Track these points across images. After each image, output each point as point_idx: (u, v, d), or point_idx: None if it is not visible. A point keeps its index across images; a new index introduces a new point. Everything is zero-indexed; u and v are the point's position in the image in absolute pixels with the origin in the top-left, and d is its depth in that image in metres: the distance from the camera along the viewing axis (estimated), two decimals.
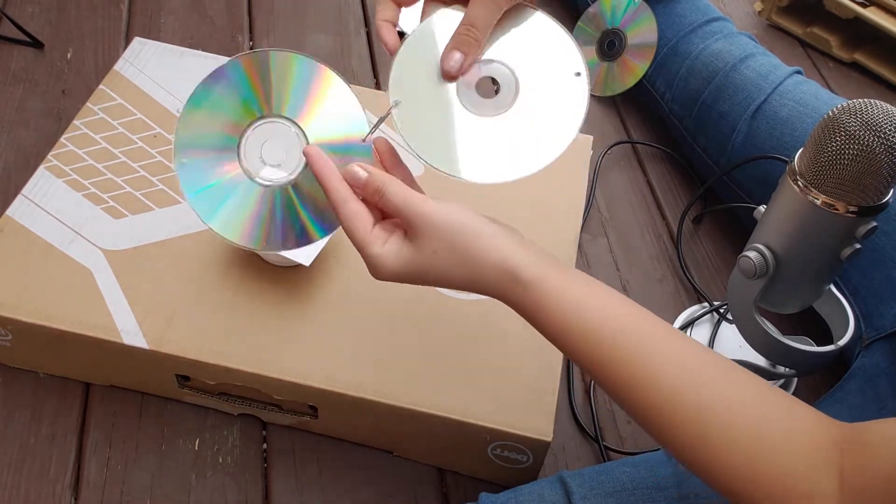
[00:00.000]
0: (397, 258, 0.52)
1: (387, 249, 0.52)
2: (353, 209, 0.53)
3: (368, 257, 0.53)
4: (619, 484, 0.60)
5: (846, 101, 0.60)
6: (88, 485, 0.72)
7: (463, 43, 0.55)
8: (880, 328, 0.75)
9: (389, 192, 0.52)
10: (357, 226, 0.52)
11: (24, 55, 1.06)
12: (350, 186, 0.53)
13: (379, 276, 0.53)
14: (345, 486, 0.73)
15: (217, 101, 0.55)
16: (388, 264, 0.52)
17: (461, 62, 0.55)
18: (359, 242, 0.53)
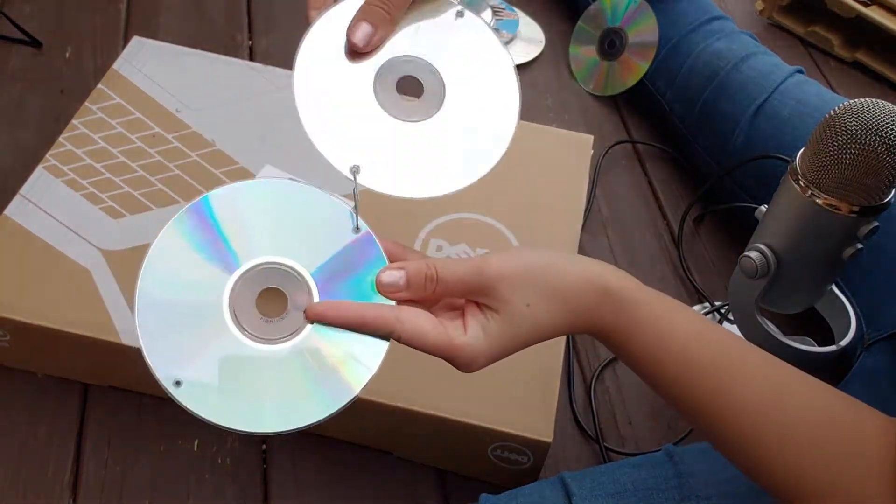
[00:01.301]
0: (489, 337, 0.46)
1: (472, 335, 0.46)
2: (408, 318, 0.46)
3: (458, 352, 0.46)
4: (620, 485, 0.60)
5: (847, 101, 0.60)
6: (87, 485, 0.71)
7: (372, 14, 0.48)
8: (882, 328, 0.75)
9: (446, 273, 0.46)
10: (426, 330, 0.46)
11: (22, 54, 1.05)
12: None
13: (477, 366, 0.47)
14: (345, 487, 0.73)
15: None
16: (482, 348, 0.46)
17: (370, 35, 0.48)
18: (437, 346, 0.46)
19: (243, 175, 0.83)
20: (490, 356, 0.47)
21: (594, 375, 0.82)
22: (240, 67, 0.94)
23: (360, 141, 0.47)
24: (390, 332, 0.46)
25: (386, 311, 0.46)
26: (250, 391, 0.41)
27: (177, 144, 0.85)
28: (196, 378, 0.40)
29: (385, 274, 0.47)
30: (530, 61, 1.13)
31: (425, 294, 0.47)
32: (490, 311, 0.47)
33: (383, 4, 0.48)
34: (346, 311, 0.46)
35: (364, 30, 0.48)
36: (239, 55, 1.09)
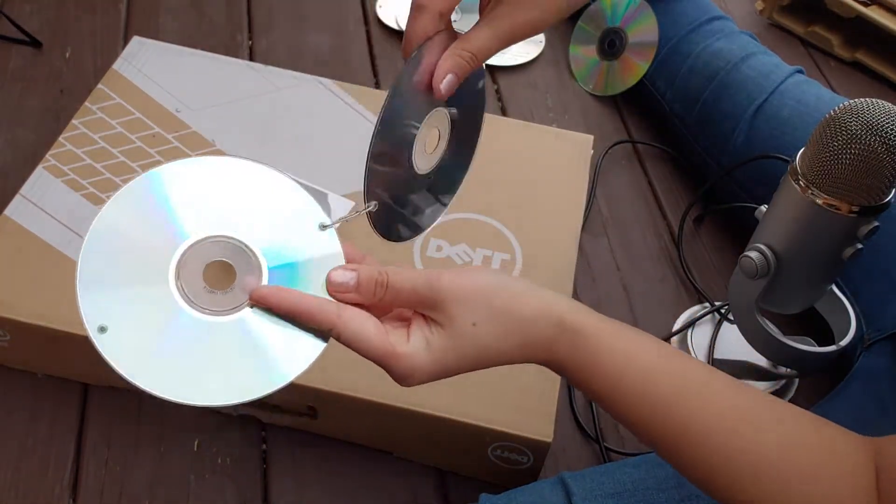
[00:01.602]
0: (430, 350, 0.45)
1: (414, 346, 0.45)
2: (351, 317, 0.45)
3: (397, 361, 0.45)
4: (620, 485, 0.60)
5: (848, 101, 0.60)
6: (87, 486, 0.71)
7: (460, 68, 0.48)
8: (882, 328, 0.75)
9: (397, 281, 0.45)
10: (368, 333, 0.44)
11: (22, 54, 1.05)
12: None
13: (415, 380, 0.45)
14: (345, 487, 0.73)
15: None
16: (422, 361, 0.45)
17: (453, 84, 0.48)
18: (377, 350, 0.44)
19: None
20: (430, 371, 0.45)
21: None
22: (240, 67, 0.94)
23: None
24: (331, 327, 0.45)
25: (329, 305, 0.45)
26: (174, 355, 0.40)
27: (177, 144, 0.85)
28: (122, 329, 0.39)
29: (336, 273, 0.46)
30: (530, 61, 1.13)
31: (374, 299, 0.46)
32: (436, 325, 0.46)
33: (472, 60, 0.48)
34: (288, 298, 0.44)
35: (449, 80, 0.48)
36: (239, 55, 1.09)
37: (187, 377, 0.41)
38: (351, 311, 0.45)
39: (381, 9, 1.17)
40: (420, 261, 0.78)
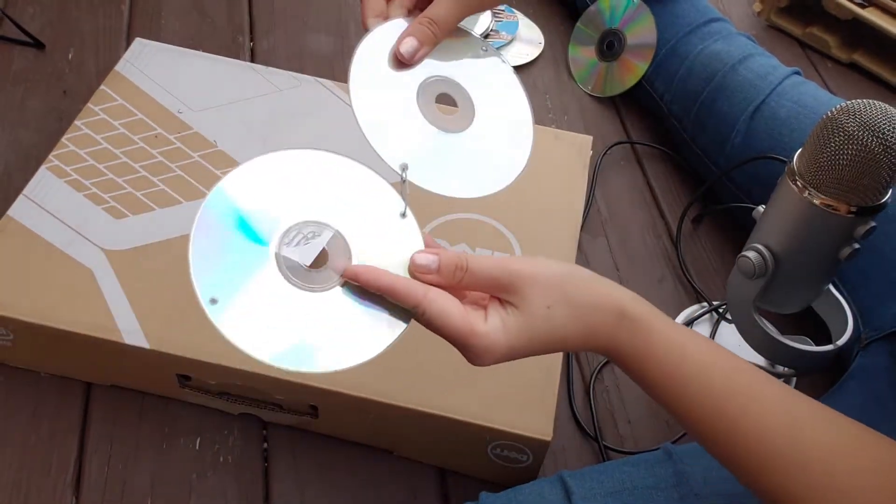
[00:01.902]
0: (507, 331, 0.47)
1: (492, 326, 0.47)
2: (436, 297, 0.47)
3: (475, 340, 0.47)
4: (619, 483, 0.61)
5: (845, 102, 0.60)
6: (89, 484, 0.72)
7: (419, 32, 0.55)
8: (879, 328, 0.75)
9: (475, 265, 0.48)
10: (452, 312, 0.47)
11: (25, 56, 1.06)
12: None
13: (489, 359, 0.48)
14: (345, 486, 0.74)
15: None
16: (498, 340, 0.47)
17: (416, 50, 0.55)
18: (459, 328, 0.47)
19: None
20: (505, 351, 0.48)
21: (593, 374, 0.83)
22: (241, 68, 0.94)
23: (407, 144, 0.54)
24: (417, 304, 0.47)
25: (416, 284, 0.48)
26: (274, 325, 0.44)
27: (179, 145, 0.86)
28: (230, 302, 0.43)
29: (419, 255, 0.49)
30: (530, 63, 1.13)
31: (453, 281, 0.48)
32: (511, 306, 0.48)
33: (431, 25, 0.54)
34: (379, 276, 0.48)
35: (410, 43, 0.54)
36: (240, 56, 1.09)
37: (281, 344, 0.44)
38: (436, 291, 0.48)
39: None
40: None
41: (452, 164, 0.54)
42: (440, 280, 0.48)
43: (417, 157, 0.53)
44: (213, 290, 0.44)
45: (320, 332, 0.45)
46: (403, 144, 0.53)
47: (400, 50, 0.55)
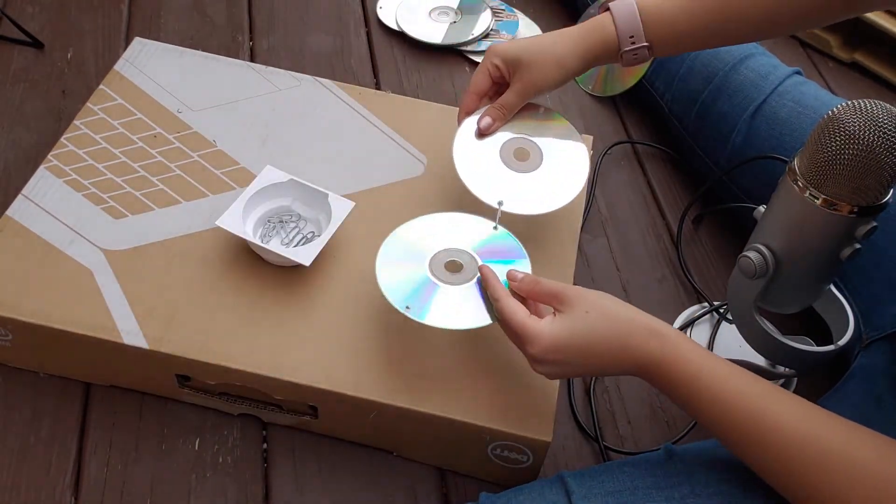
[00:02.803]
0: (552, 328, 0.61)
1: (544, 323, 0.62)
2: (512, 300, 0.65)
3: (530, 331, 0.61)
4: (619, 483, 0.60)
5: (846, 101, 0.60)
6: (89, 485, 0.72)
7: (492, 112, 0.79)
8: (880, 328, 0.75)
9: (544, 281, 0.65)
10: (516, 311, 0.63)
11: (24, 55, 1.06)
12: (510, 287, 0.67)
13: (538, 346, 0.61)
14: (345, 486, 0.74)
15: None
16: (546, 334, 0.61)
17: (490, 125, 0.79)
18: (520, 322, 0.62)
19: (244, 175, 0.83)
20: (548, 342, 0.61)
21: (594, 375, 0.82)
22: (241, 68, 0.94)
23: (499, 185, 0.77)
24: (499, 298, 0.65)
25: (505, 290, 0.66)
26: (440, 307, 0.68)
27: (178, 145, 0.86)
28: (414, 303, 0.68)
29: (512, 270, 0.68)
30: None
31: (529, 287, 0.66)
32: (560, 313, 0.62)
33: (501, 108, 0.79)
34: (490, 273, 0.68)
35: (486, 120, 0.79)
36: (240, 56, 1.09)
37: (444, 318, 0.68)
38: (513, 298, 0.66)
39: (382, 10, 1.18)
40: None
41: (530, 193, 0.78)
42: (521, 286, 0.66)
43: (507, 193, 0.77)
44: (403, 301, 0.68)
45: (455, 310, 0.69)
46: (495, 187, 0.77)
47: (479, 125, 0.79)
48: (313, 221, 0.80)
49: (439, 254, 0.72)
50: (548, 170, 0.79)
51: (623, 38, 0.75)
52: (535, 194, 0.77)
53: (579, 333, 0.60)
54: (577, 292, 0.62)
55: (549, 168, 0.79)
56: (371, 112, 0.91)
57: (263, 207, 0.79)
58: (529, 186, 0.77)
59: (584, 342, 0.60)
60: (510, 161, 0.79)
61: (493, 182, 0.77)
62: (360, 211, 0.78)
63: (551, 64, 0.76)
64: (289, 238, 0.78)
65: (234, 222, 0.75)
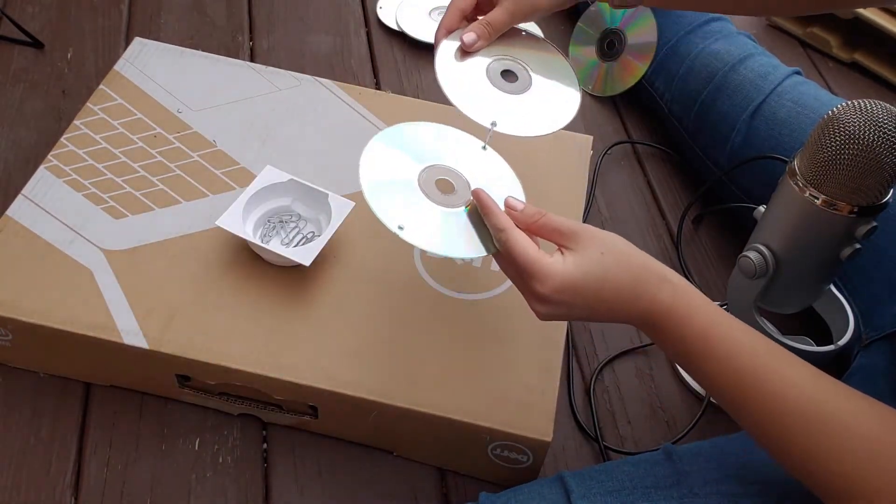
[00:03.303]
0: (566, 265, 0.56)
1: (555, 259, 0.56)
2: (518, 232, 0.58)
3: (540, 266, 0.56)
4: (619, 483, 0.60)
5: (846, 101, 0.60)
6: (89, 485, 0.72)
7: (478, 28, 0.72)
8: (880, 328, 0.75)
9: (550, 215, 0.59)
10: (527, 246, 0.57)
11: (24, 55, 1.06)
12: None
13: (549, 286, 0.56)
14: (345, 486, 0.74)
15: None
16: (558, 270, 0.56)
17: (474, 41, 0.72)
18: (530, 257, 0.56)
19: (244, 175, 0.83)
20: (560, 280, 0.56)
21: (594, 375, 0.83)
22: (241, 68, 0.94)
23: (489, 105, 0.71)
24: (504, 228, 0.58)
25: (508, 220, 0.59)
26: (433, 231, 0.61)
27: (178, 145, 0.86)
28: (409, 224, 0.60)
29: (510, 198, 0.61)
30: None
31: (531, 221, 0.59)
32: (570, 251, 0.57)
33: (486, 25, 0.72)
34: (489, 200, 0.61)
35: (470, 36, 0.72)
36: (240, 56, 1.09)
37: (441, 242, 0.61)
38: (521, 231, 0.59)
39: (382, 10, 1.18)
40: (420, 260, 0.79)
41: (522, 115, 0.72)
42: (523, 217, 0.60)
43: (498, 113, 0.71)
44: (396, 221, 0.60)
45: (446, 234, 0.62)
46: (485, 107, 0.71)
47: (463, 39, 0.72)
48: (313, 221, 0.80)
49: (428, 169, 0.65)
50: (538, 92, 0.73)
51: None
52: (528, 116, 0.72)
53: (594, 274, 0.56)
54: (589, 231, 0.58)
55: (539, 90, 0.73)
56: (371, 112, 0.91)
57: (263, 207, 0.79)
58: (521, 108, 0.72)
59: (596, 285, 0.56)
60: (498, 81, 0.73)
61: (482, 102, 0.71)
62: (360, 211, 0.78)
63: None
64: (289, 238, 0.78)
65: (234, 222, 0.75)
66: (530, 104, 0.72)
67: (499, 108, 0.71)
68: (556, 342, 0.74)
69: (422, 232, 0.61)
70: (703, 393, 0.80)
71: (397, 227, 0.60)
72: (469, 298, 0.76)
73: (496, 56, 0.74)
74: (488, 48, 0.74)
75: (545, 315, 0.58)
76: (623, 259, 0.57)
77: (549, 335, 0.74)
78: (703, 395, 0.79)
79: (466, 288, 0.77)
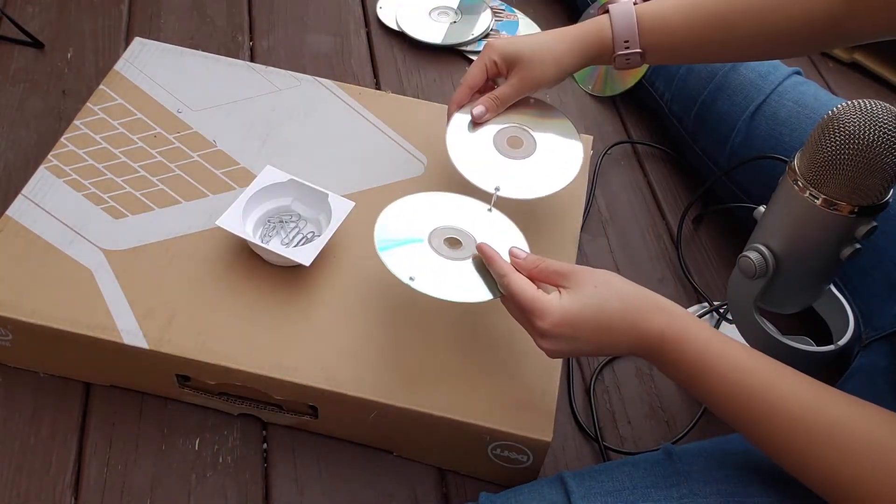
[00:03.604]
0: (561, 302, 0.60)
1: (553, 296, 0.61)
2: (519, 276, 0.64)
3: (539, 304, 0.61)
4: (619, 483, 0.60)
5: (846, 102, 0.60)
6: (89, 485, 0.72)
7: (486, 102, 0.79)
8: (879, 328, 0.75)
9: (549, 260, 0.64)
10: (526, 287, 0.62)
11: (24, 55, 1.06)
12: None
13: (549, 320, 0.60)
14: (345, 486, 0.74)
15: None
16: (556, 307, 0.60)
17: (483, 113, 0.79)
18: (530, 297, 0.61)
19: (244, 175, 0.83)
20: (560, 315, 0.60)
21: (594, 375, 0.82)
22: (241, 68, 0.94)
23: (494, 171, 0.77)
24: (505, 273, 0.64)
25: (509, 266, 0.65)
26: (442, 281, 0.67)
27: (178, 145, 0.86)
28: (420, 276, 0.67)
29: (514, 248, 0.67)
30: None
31: (532, 267, 0.64)
32: (566, 289, 0.62)
33: (495, 99, 0.79)
34: (492, 250, 0.67)
35: (480, 109, 0.79)
36: (240, 56, 1.09)
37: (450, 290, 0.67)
38: (519, 275, 0.64)
39: (382, 10, 1.18)
40: None
41: (525, 178, 0.78)
42: (525, 263, 0.65)
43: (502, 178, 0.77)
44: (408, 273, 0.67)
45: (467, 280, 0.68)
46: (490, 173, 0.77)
47: (473, 112, 0.79)
48: (313, 221, 0.80)
49: (437, 230, 0.71)
50: (542, 155, 0.79)
51: (618, 42, 0.75)
52: (532, 179, 0.77)
53: (590, 307, 0.60)
54: (583, 270, 0.62)
55: (543, 153, 0.79)
56: (371, 112, 0.91)
57: (263, 207, 0.79)
58: (525, 172, 0.78)
59: (593, 317, 0.60)
60: (504, 149, 0.79)
61: (488, 169, 0.77)
62: (360, 211, 0.78)
63: (550, 61, 0.76)
64: (289, 238, 0.78)
65: (234, 222, 0.75)
66: (534, 168, 0.79)
67: (503, 174, 0.77)
68: None
69: (432, 281, 0.67)
70: None
71: (409, 279, 0.67)
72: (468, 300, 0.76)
73: (503, 125, 0.81)
74: (497, 118, 0.80)
75: (552, 351, 0.62)
76: (616, 290, 0.61)
77: None
78: None
79: None
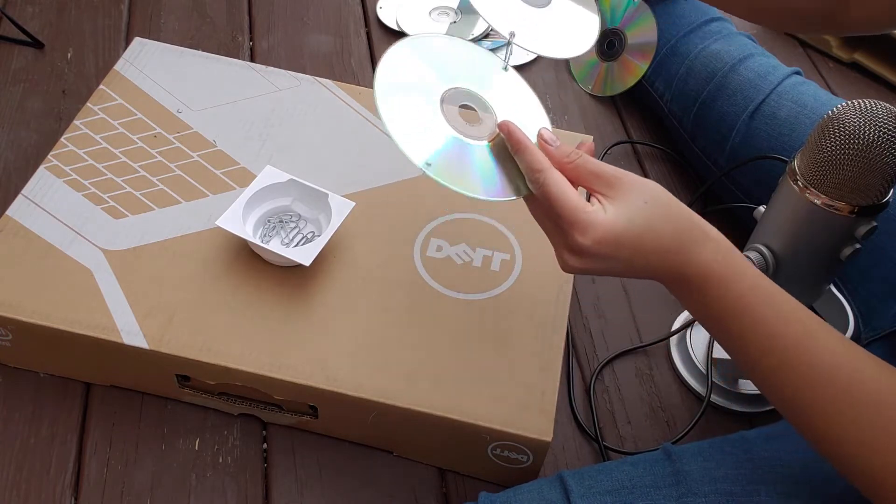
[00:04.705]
0: (608, 214, 0.51)
1: (597, 207, 0.52)
2: (558, 174, 0.53)
3: (584, 214, 0.52)
4: (618, 482, 0.61)
5: (846, 102, 0.60)
6: (89, 485, 0.72)
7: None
8: (879, 328, 0.75)
9: (588, 157, 0.53)
10: (568, 191, 0.52)
11: (24, 55, 1.06)
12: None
13: (592, 237, 0.52)
14: (345, 486, 0.74)
15: None
16: (602, 221, 0.51)
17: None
18: (572, 206, 0.52)
19: (244, 175, 0.83)
20: (604, 231, 0.51)
21: (594, 375, 0.83)
22: (240, 68, 0.94)
23: (511, 14, 0.67)
24: (541, 169, 0.53)
25: (546, 159, 0.54)
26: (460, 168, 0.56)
27: (178, 145, 0.86)
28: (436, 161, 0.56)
29: (545, 130, 0.56)
30: (530, 62, 1.13)
31: (567, 160, 0.54)
32: (610, 199, 0.53)
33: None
34: (521, 135, 0.55)
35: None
36: (240, 56, 1.09)
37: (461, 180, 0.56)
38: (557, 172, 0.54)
39: (382, 10, 1.18)
40: (420, 260, 0.79)
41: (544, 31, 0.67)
42: (558, 154, 0.54)
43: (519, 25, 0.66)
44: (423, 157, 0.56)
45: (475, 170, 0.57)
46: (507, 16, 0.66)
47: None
48: (313, 221, 0.80)
49: (450, 94, 0.59)
50: (559, 10, 0.70)
51: None
52: (547, 34, 0.68)
53: (637, 226, 0.52)
54: (631, 177, 0.53)
55: (560, 8, 0.70)
56: (371, 112, 0.91)
57: (263, 207, 0.79)
58: (541, 24, 0.69)
59: (638, 237, 0.52)
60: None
61: (503, 9, 0.67)
62: (360, 211, 0.78)
63: None
64: (289, 238, 0.78)
65: (234, 222, 0.75)
66: (550, 21, 0.69)
67: (519, 19, 0.67)
68: (556, 342, 0.74)
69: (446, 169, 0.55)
70: (702, 393, 0.80)
71: (425, 164, 0.55)
72: (469, 298, 0.76)
73: None
74: None
75: (576, 269, 0.54)
76: (667, 210, 0.53)
77: (549, 335, 0.74)
78: (703, 396, 0.79)
79: (466, 288, 0.77)
